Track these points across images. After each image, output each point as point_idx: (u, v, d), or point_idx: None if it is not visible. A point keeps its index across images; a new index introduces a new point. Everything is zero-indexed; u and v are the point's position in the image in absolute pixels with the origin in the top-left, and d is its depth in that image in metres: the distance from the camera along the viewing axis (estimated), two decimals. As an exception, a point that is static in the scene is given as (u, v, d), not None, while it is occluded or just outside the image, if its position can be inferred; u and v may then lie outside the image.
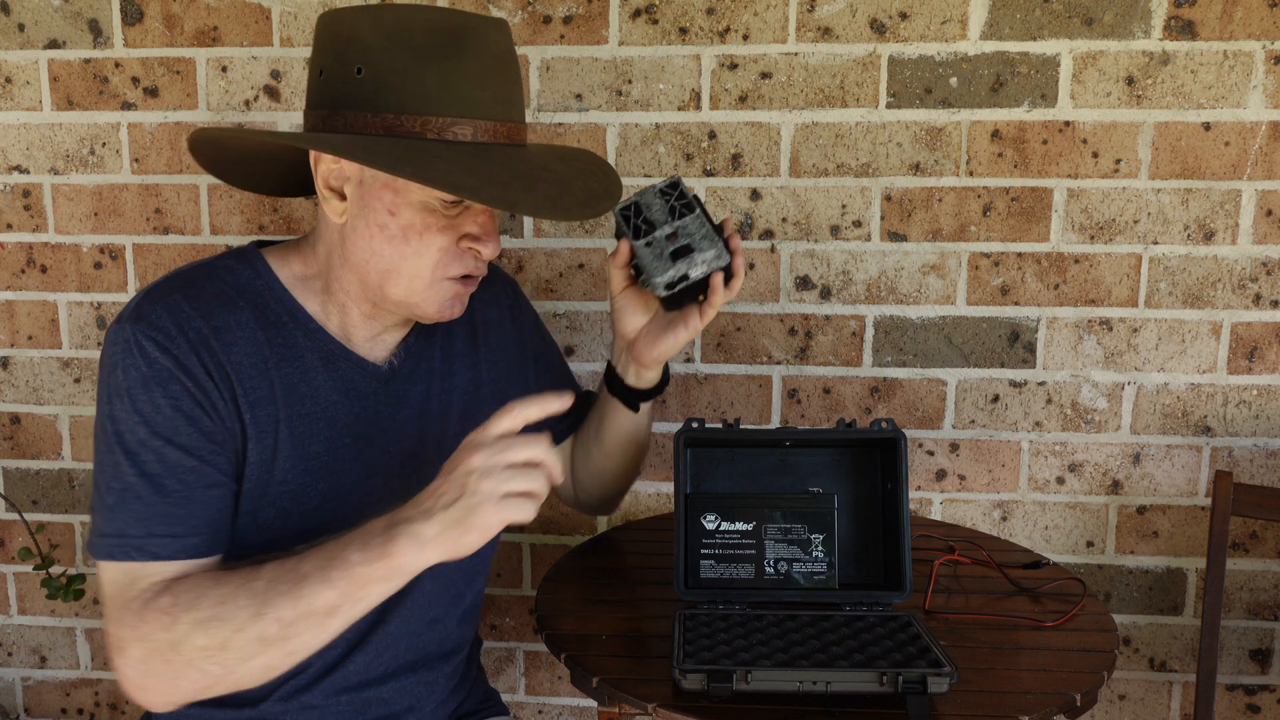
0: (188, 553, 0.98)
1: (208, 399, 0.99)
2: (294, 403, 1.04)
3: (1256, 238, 1.61)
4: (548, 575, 1.37)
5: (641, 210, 1.14)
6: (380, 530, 0.92)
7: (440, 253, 1.02)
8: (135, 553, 0.96)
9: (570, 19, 1.63)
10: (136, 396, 0.97)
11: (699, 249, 1.12)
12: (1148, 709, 1.77)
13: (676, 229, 1.13)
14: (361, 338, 1.10)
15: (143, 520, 0.96)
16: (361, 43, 0.97)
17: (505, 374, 1.25)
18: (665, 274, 1.12)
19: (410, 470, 1.13)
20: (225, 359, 1.00)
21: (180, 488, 0.97)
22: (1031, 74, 1.59)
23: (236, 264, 1.07)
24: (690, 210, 1.13)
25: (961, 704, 1.03)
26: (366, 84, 0.97)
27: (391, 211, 1.00)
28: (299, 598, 0.91)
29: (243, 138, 1.04)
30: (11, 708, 1.94)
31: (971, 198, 1.63)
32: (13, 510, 1.85)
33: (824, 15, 1.60)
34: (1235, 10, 1.55)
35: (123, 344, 0.98)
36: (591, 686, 1.09)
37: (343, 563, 0.91)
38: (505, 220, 1.69)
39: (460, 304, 1.07)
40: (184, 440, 0.98)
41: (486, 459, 0.89)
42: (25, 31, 1.69)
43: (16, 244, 1.77)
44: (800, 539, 1.24)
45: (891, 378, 1.70)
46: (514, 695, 1.86)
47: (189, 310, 1.00)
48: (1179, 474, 1.69)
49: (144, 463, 0.97)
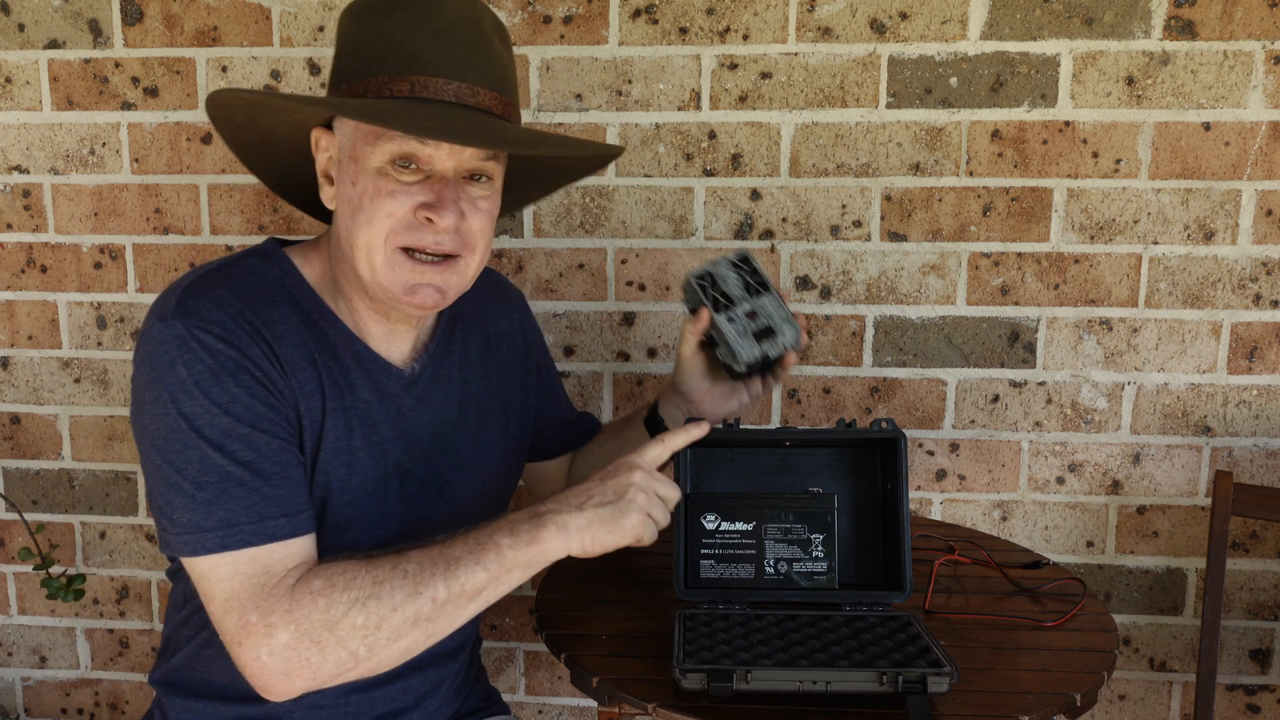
0: (302, 529, 0.98)
1: (274, 385, 0.99)
2: (337, 396, 1.05)
3: (1256, 238, 1.61)
4: (548, 575, 1.37)
5: (717, 283, 1.19)
6: (526, 519, 0.99)
7: (390, 218, 0.99)
8: (253, 539, 0.94)
9: (570, 19, 1.63)
10: (209, 389, 0.95)
11: (780, 331, 1.19)
12: (1148, 709, 1.77)
13: (755, 308, 1.20)
14: (378, 341, 1.10)
15: (251, 506, 0.95)
16: (340, 28, 1.04)
17: (510, 387, 1.26)
18: (749, 354, 1.19)
19: (421, 472, 1.13)
20: (279, 350, 1.00)
21: (278, 469, 0.97)
22: (1031, 74, 1.59)
23: (263, 263, 1.06)
24: (766, 289, 1.21)
25: (961, 704, 1.03)
26: (338, 61, 1.03)
27: (353, 182, 1.00)
28: (453, 578, 0.95)
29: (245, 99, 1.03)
30: (11, 708, 1.94)
31: (971, 198, 1.63)
32: (13, 510, 1.85)
33: (824, 15, 1.60)
34: (1235, 10, 1.55)
35: (176, 340, 0.95)
36: (591, 686, 1.09)
37: (494, 547, 0.96)
38: (505, 220, 1.69)
39: (433, 294, 1.02)
40: (267, 425, 0.97)
41: (646, 480, 1.02)
42: (25, 31, 1.69)
43: (16, 244, 1.77)
44: (800, 539, 1.24)
45: (891, 378, 1.70)
46: (514, 695, 1.86)
47: (239, 303, 0.99)
48: (1179, 474, 1.69)
49: (235, 451, 0.95)
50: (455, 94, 0.98)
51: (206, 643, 1.10)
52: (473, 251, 1.04)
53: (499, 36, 1.04)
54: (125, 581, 1.88)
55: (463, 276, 1.05)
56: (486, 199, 1.04)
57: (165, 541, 0.97)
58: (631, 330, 1.72)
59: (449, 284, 1.03)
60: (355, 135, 1.00)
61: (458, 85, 0.98)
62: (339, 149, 1.03)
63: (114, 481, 1.84)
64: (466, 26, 1.00)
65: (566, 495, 1.01)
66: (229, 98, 1.02)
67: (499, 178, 1.05)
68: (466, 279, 1.06)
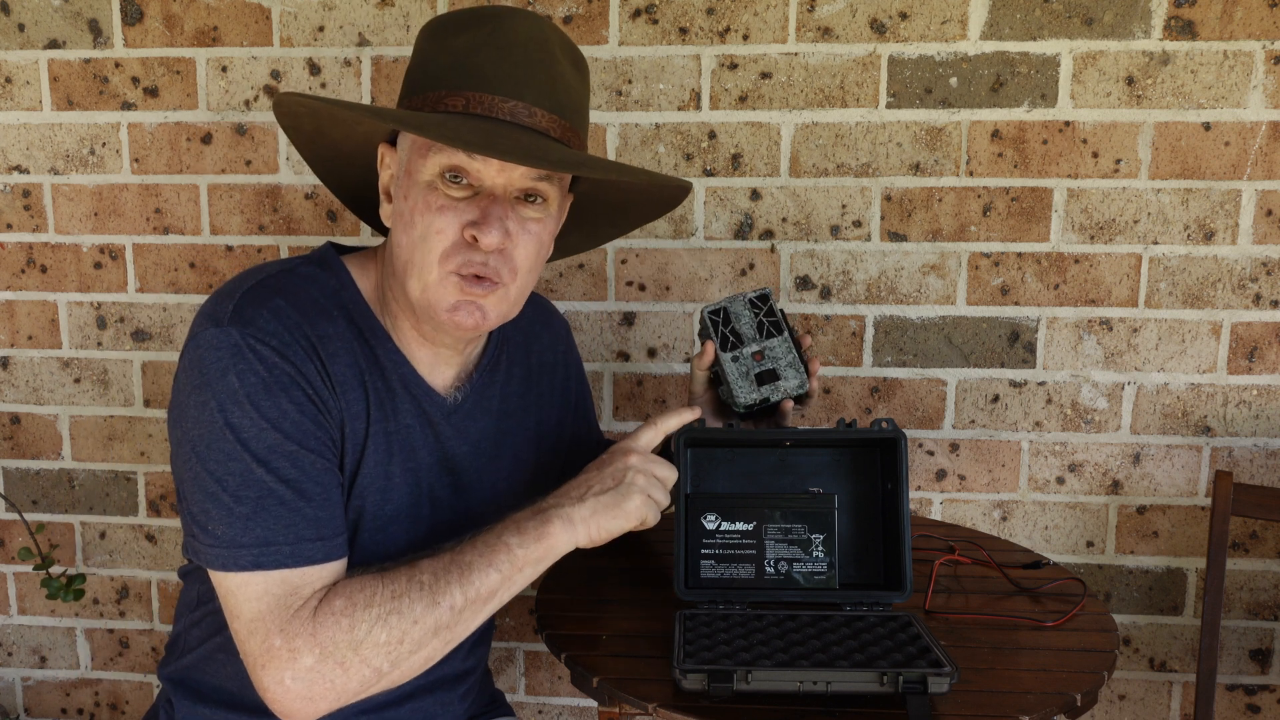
0: (336, 554, 0.96)
1: (324, 403, 0.98)
2: (381, 419, 1.04)
3: (1256, 238, 1.61)
4: (548, 575, 1.36)
5: (730, 320, 1.19)
6: (531, 517, 1.00)
7: (440, 237, 0.97)
8: (289, 560, 0.92)
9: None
10: (260, 402, 0.93)
11: (784, 377, 1.19)
12: (1148, 709, 1.77)
13: (764, 349, 1.19)
14: (422, 365, 1.09)
15: (290, 526, 0.93)
16: (415, 44, 1.05)
17: (547, 420, 1.26)
18: (748, 395, 1.19)
19: (462, 504, 1.13)
20: (331, 368, 0.99)
21: (320, 491, 0.96)
22: (1031, 74, 1.59)
23: (321, 272, 1.04)
24: (779, 332, 1.20)
25: (961, 704, 1.03)
26: (407, 76, 1.04)
27: (406, 196, 0.99)
28: (468, 584, 0.96)
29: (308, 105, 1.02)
30: (11, 708, 1.94)
31: (971, 198, 1.63)
32: (13, 510, 1.85)
33: (824, 15, 1.60)
34: (1235, 10, 1.55)
35: (231, 348, 0.93)
36: (591, 686, 1.08)
37: (504, 547, 0.98)
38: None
39: (475, 313, 1.00)
40: (314, 444, 0.96)
41: (642, 462, 1.03)
42: (25, 31, 1.69)
43: (16, 244, 1.77)
44: (800, 539, 1.24)
45: (891, 378, 1.70)
46: (514, 695, 1.86)
47: (296, 316, 0.97)
48: (1179, 474, 1.69)
49: (279, 468, 0.93)
50: (510, 112, 0.96)
51: (220, 648, 1.09)
52: (514, 277, 1.00)
53: (570, 61, 1.02)
54: (125, 581, 1.88)
55: (504, 301, 1.02)
56: (538, 222, 1.00)
57: (195, 550, 0.95)
58: (631, 330, 1.72)
59: (491, 307, 1.01)
60: (411, 150, 0.99)
61: (514, 104, 0.97)
62: (398, 165, 1.02)
63: (114, 481, 1.84)
64: (533, 46, 0.98)
65: (567, 489, 1.03)
66: (292, 103, 1.01)
67: (556, 202, 1.02)
68: (509, 304, 1.03)
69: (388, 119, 0.97)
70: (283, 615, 0.91)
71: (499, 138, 0.93)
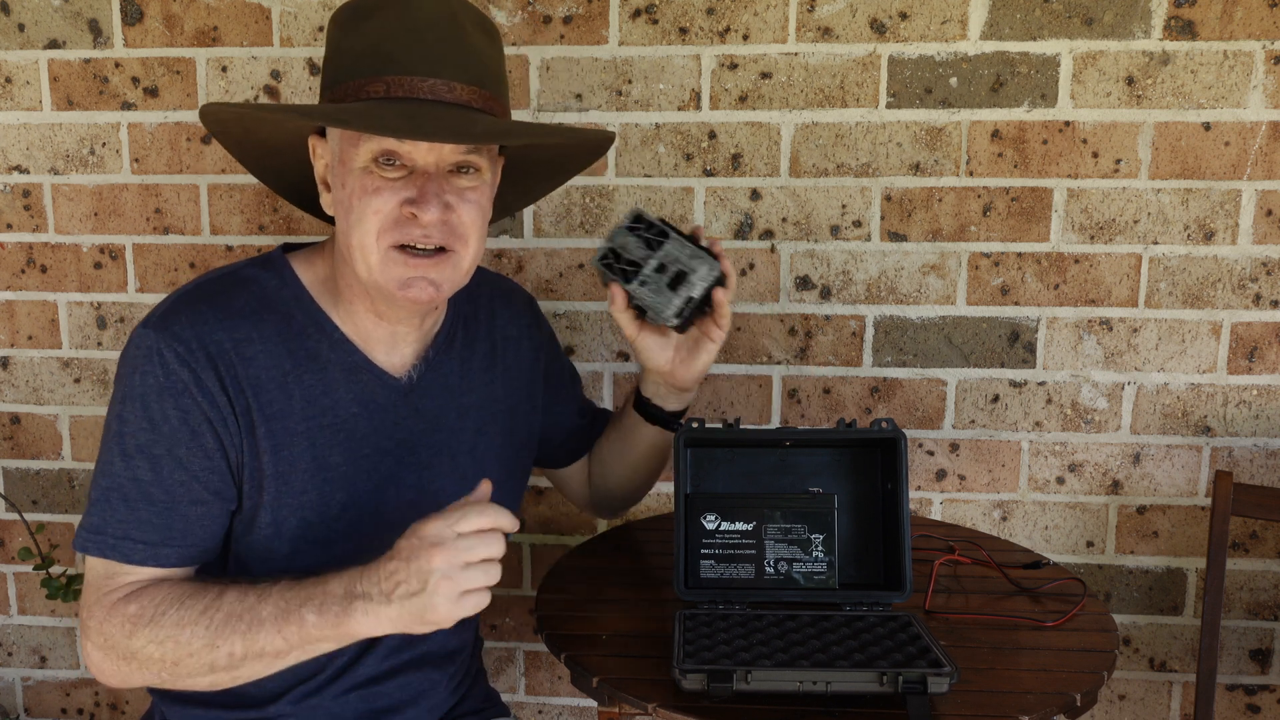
0: (159, 561, 1.02)
1: (219, 415, 1.01)
2: (315, 414, 1.06)
3: (1256, 238, 1.61)
4: (548, 575, 1.37)
5: (619, 254, 1.14)
6: (339, 598, 0.95)
7: (378, 215, 0.99)
8: (109, 551, 1.00)
9: (570, 19, 1.63)
10: (149, 403, 1.00)
11: (692, 269, 1.14)
12: (1148, 709, 1.77)
13: (662, 259, 1.14)
14: (379, 345, 1.11)
15: (122, 522, 1.00)
16: (327, 35, 1.06)
17: (518, 393, 1.26)
18: (671, 306, 1.14)
19: (425, 482, 1.14)
20: (244, 373, 1.02)
21: (165, 498, 1.01)
22: (1031, 74, 1.59)
23: (264, 272, 1.08)
24: (665, 237, 1.15)
25: (961, 704, 1.03)
26: (324, 68, 1.05)
27: (343, 184, 1.01)
28: (252, 639, 0.96)
29: (233, 112, 1.06)
30: (11, 708, 1.94)
31: (971, 198, 1.63)
32: (13, 510, 1.85)
33: (824, 15, 1.60)
34: (1235, 10, 1.55)
35: (145, 350, 1.00)
36: (591, 686, 1.09)
37: (298, 620, 0.96)
38: (506, 220, 1.69)
39: (427, 287, 1.02)
40: (182, 453, 1.01)
41: (448, 559, 0.91)
42: (25, 31, 1.69)
43: (16, 244, 1.77)
44: (800, 539, 1.24)
45: (891, 378, 1.70)
46: (514, 695, 1.86)
47: (214, 323, 1.02)
48: (1179, 474, 1.69)
49: (138, 467, 1.00)
50: (430, 91, 0.99)
51: None
52: (465, 244, 1.03)
53: (480, 30, 1.04)
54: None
55: (457, 270, 1.04)
56: (474, 190, 1.03)
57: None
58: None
59: (443, 277, 1.03)
60: (341, 139, 1.01)
61: (433, 82, 0.99)
62: (331, 155, 1.04)
63: (114, 481, 1.83)
64: (442, 23, 1.01)
65: (379, 577, 0.94)
66: (218, 111, 1.05)
67: (489, 169, 1.05)
68: (461, 272, 1.05)
69: (314, 116, 1.00)
70: (94, 597, 1.01)
71: (424, 119, 0.96)
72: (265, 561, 1.06)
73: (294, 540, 1.06)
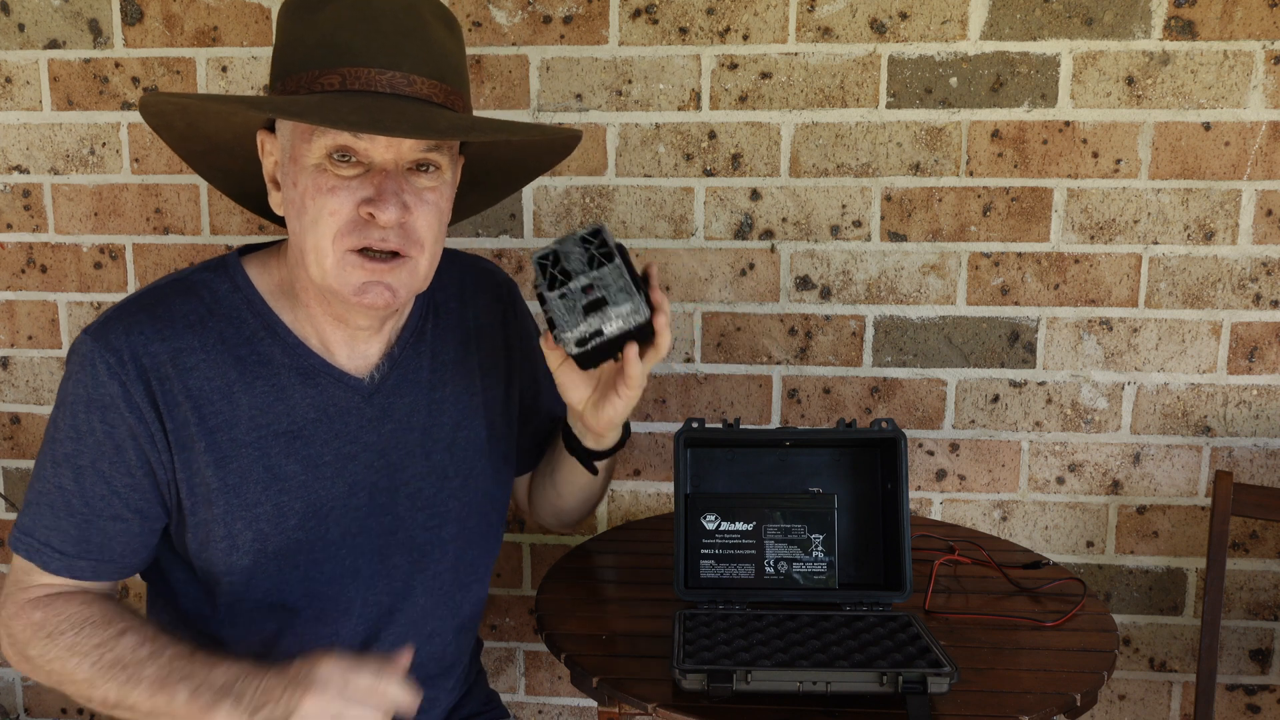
0: (72, 573, 1.02)
1: (146, 432, 0.99)
2: (266, 423, 1.03)
3: (1256, 238, 1.61)
4: (548, 575, 1.37)
5: (560, 259, 1.02)
6: (214, 689, 0.92)
7: (334, 217, 0.94)
8: (30, 554, 1.01)
9: (570, 19, 1.63)
10: (77, 413, 0.99)
11: (614, 301, 1.00)
12: (1148, 709, 1.77)
13: (593, 280, 1.01)
14: (340, 348, 1.06)
15: (46, 528, 1.01)
16: (277, 24, 1.02)
17: (493, 383, 1.20)
18: (576, 329, 1.00)
19: (399, 484, 1.11)
20: (181, 385, 0.99)
21: (85, 510, 1.00)
22: (1031, 74, 1.59)
23: (215, 277, 1.05)
24: (609, 259, 1.01)
25: (961, 704, 1.03)
26: (274, 59, 1.01)
27: (294, 182, 0.96)
28: (125, 692, 0.96)
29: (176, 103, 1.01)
30: (11, 708, 1.94)
31: (971, 198, 1.63)
32: (12, 510, 1.85)
33: (824, 15, 1.60)
34: (1235, 10, 1.55)
35: (81, 358, 0.99)
36: (591, 686, 1.09)
37: (171, 693, 0.94)
38: (505, 220, 1.69)
39: (384, 292, 0.97)
40: (104, 467, 0.99)
41: (319, 708, 0.87)
42: (25, 31, 1.69)
43: (16, 244, 1.77)
44: (800, 539, 1.24)
45: (891, 378, 1.70)
46: (514, 695, 1.86)
47: (150, 333, 0.99)
48: (1179, 474, 1.69)
49: (63, 476, 1.00)
50: (389, 84, 0.94)
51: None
52: (421, 249, 0.99)
53: (442, 22, 1.00)
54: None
55: (414, 275, 1.00)
56: (434, 190, 0.98)
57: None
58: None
59: (399, 283, 0.98)
60: (294, 134, 0.96)
61: (392, 75, 0.94)
62: (281, 151, 0.99)
63: (114, 481, 1.84)
64: (402, 14, 0.96)
65: (258, 687, 0.91)
66: (158, 103, 1.00)
67: (449, 168, 1.00)
68: (419, 278, 1.01)
69: (265, 108, 0.94)
70: (11, 590, 1.03)
71: (382, 113, 0.91)
72: (229, 574, 1.04)
73: (253, 554, 1.03)
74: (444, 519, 1.14)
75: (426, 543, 1.13)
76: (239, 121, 1.01)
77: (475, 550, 1.20)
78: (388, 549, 1.11)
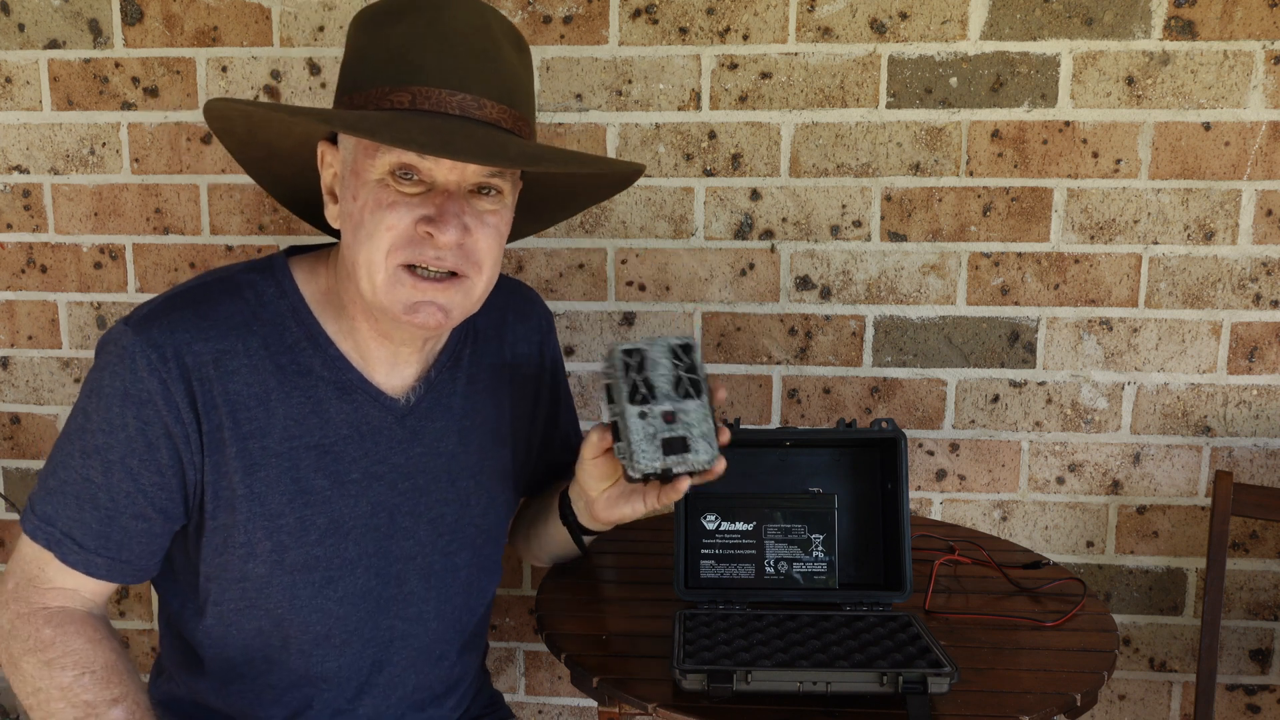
0: (88, 569, 1.00)
1: (182, 431, 0.97)
2: (298, 435, 1.01)
3: (1256, 238, 1.61)
4: (548, 575, 1.37)
5: (645, 366, 0.99)
6: None
7: (390, 232, 0.93)
8: (51, 545, 0.99)
9: (570, 19, 1.63)
10: (112, 406, 0.97)
11: (695, 449, 0.97)
12: (1148, 709, 1.77)
13: (676, 411, 0.98)
14: (380, 365, 1.05)
15: (69, 519, 0.99)
16: (348, 36, 1.01)
17: (522, 413, 1.20)
18: (648, 463, 0.97)
19: (423, 508, 1.10)
20: (220, 389, 0.98)
21: (109, 505, 0.98)
22: (1031, 74, 1.59)
23: (261, 279, 1.03)
24: (698, 393, 0.99)
25: (961, 704, 1.03)
26: (343, 71, 1.00)
27: (354, 196, 0.96)
28: None
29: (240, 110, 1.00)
30: (11, 708, 1.94)
31: (971, 198, 1.63)
32: (12, 510, 1.85)
33: (824, 15, 1.60)
34: (1235, 10, 1.55)
35: (119, 350, 0.97)
36: (591, 686, 1.09)
37: None
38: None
39: (436, 313, 0.96)
40: (133, 464, 0.97)
41: None
42: (25, 31, 1.69)
43: (16, 244, 1.77)
44: (800, 539, 1.24)
45: (891, 378, 1.70)
46: (514, 695, 1.86)
47: (195, 331, 0.97)
48: (1179, 474, 1.69)
49: (90, 468, 0.98)
50: (459, 106, 0.93)
51: (188, 666, 1.10)
52: (479, 271, 0.97)
53: (513, 45, 0.99)
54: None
55: (468, 297, 0.98)
56: (495, 214, 0.97)
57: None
58: (631, 330, 1.72)
59: (453, 303, 0.97)
60: (356, 149, 0.96)
61: (462, 97, 0.93)
62: (342, 164, 0.99)
63: (114, 481, 1.83)
64: (475, 35, 0.95)
65: None
66: (224, 108, 0.99)
67: (510, 193, 0.99)
68: (473, 300, 0.99)
69: (335, 123, 0.92)
70: (15, 583, 1.01)
71: (452, 135, 0.90)
72: (241, 583, 1.02)
73: (270, 564, 1.02)
74: (462, 545, 1.13)
75: (443, 568, 1.12)
76: (300, 131, 1.01)
77: (486, 576, 1.20)
78: (405, 574, 1.10)
